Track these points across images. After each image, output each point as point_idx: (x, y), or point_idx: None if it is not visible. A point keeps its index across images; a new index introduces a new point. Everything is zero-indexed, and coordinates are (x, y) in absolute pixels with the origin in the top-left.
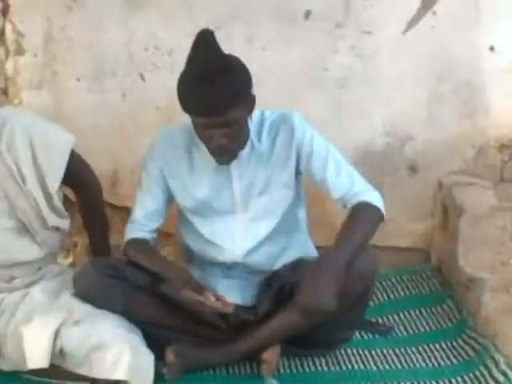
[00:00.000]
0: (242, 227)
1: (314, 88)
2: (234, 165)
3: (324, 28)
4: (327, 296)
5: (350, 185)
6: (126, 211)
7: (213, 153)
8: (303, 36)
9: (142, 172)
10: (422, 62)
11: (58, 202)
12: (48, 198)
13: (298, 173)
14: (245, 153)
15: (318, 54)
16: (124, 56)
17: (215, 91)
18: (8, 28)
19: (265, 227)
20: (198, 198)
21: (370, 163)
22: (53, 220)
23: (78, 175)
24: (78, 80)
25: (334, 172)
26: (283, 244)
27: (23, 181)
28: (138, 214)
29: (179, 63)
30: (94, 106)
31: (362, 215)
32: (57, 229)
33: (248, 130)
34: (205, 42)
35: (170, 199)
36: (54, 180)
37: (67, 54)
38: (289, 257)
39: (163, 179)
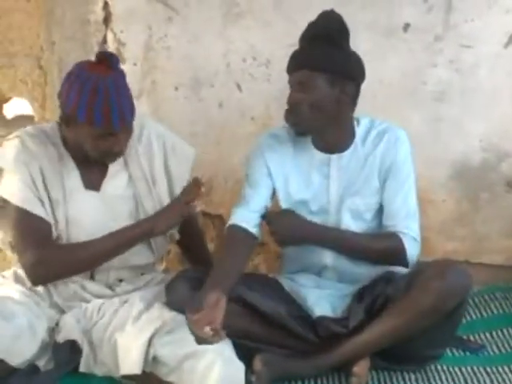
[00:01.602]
0: None
1: (411, 101)
2: (334, 166)
3: (423, 41)
4: None
5: (402, 223)
6: (219, 219)
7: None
8: (401, 48)
9: (247, 169)
10: None
11: None
12: None
13: None
14: (347, 154)
15: (416, 67)
16: (222, 66)
17: (313, 49)
18: (110, 37)
19: (354, 230)
20: (296, 196)
21: (466, 178)
22: None
23: None
24: (176, 89)
25: (398, 205)
26: None
27: (154, 183)
28: (244, 198)
29: (276, 74)
30: (191, 115)
31: (385, 242)
32: (170, 236)
33: (327, 113)
34: (330, 13)
35: (272, 195)
36: (180, 187)
37: (166, 63)
38: (376, 267)
39: (270, 176)
